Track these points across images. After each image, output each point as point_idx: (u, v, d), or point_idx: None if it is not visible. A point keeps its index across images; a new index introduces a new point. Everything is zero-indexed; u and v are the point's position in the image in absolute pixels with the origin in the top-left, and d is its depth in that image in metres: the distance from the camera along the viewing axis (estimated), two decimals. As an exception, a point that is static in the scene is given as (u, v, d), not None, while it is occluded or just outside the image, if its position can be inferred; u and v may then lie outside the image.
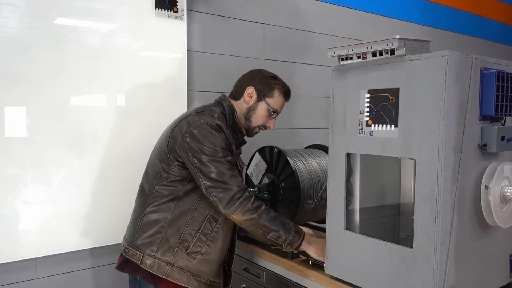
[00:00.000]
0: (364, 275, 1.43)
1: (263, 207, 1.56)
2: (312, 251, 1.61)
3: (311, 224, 2.20)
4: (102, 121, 1.70)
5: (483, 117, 1.27)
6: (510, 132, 1.29)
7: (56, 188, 1.83)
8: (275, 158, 1.94)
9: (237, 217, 1.53)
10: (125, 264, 1.63)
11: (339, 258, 1.51)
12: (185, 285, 1.58)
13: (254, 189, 1.83)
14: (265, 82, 1.70)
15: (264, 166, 1.98)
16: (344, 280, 1.50)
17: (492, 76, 1.24)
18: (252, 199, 1.55)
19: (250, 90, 1.69)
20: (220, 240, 1.63)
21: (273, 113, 1.71)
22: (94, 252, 1.97)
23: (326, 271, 1.56)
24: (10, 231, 1.74)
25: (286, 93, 1.74)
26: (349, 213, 1.50)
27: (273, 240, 1.59)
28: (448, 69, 1.17)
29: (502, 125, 1.31)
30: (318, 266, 1.63)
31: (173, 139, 1.59)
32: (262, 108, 1.70)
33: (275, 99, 1.70)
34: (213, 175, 1.52)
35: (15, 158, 1.73)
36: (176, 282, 1.57)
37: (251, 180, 2.05)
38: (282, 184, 1.90)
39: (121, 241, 1.69)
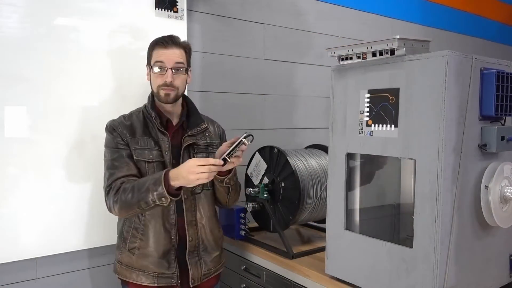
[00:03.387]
0: (364, 275, 1.43)
1: (120, 192, 1.51)
2: (183, 182, 1.47)
3: (311, 224, 2.20)
4: (102, 121, 1.70)
5: (483, 117, 1.27)
6: (510, 132, 1.29)
7: (56, 188, 1.82)
8: (275, 158, 1.94)
9: (115, 213, 1.56)
10: None
11: (339, 258, 1.51)
12: (134, 282, 1.60)
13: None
14: (147, 55, 1.68)
15: (264, 166, 1.98)
16: (344, 280, 1.50)
17: (492, 76, 1.24)
18: (113, 193, 1.53)
19: (146, 71, 1.69)
20: (151, 232, 1.59)
21: (158, 68, 1.60)
22: (94, 252, 1.96)
23: (326, 271, 1.56)
24: (10, 231, 1.74)
25: (157, 42, 1.63)
26: (349, 213, 1.50)
27: (151, 206, 1.49)
28: (448, 69, 1.17)
29: (502, 125, 1.31)
30: (318, 266, 1.63)
31: None
32: (151, 72, 1.66)
33: (153, 57, 1.63)
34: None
35: (15, 158, 1.73)
36: (129, 280, 1.61)
37: (251, 180, 2.05)
38: (282, 184, 1.90)
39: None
